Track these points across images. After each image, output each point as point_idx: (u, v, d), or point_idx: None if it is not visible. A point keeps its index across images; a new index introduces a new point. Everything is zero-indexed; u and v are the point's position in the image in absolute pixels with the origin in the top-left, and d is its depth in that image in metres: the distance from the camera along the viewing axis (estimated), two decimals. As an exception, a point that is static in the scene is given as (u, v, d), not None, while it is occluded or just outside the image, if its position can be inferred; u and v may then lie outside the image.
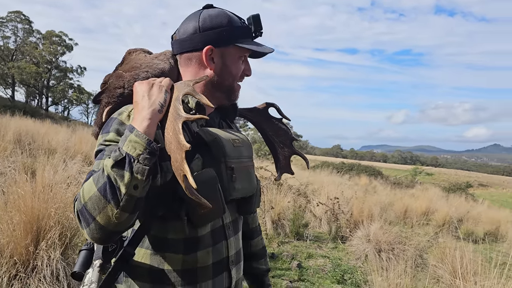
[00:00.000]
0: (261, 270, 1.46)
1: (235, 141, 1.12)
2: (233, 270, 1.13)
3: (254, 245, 1.45)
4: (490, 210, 13.87)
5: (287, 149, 1.42)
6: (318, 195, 7.72)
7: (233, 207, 1.16)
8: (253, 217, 1.46)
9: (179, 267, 1.03)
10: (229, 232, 1.13)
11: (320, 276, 4.58)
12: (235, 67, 1.13)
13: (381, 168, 39.81)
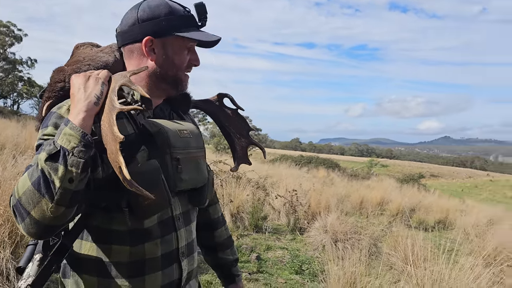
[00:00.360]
0: (228, 260, 1.46)
1: (183, 132, 1.11)
2: (184, 261, 1.13)
3: (218, 235, 1.45)
4: (441, 200, 14.56)
5: (244, 140, 1.42)
6: (277, 188, 7.80)
7: (184, 198, 1.15)
8: (215, 208, 1.46)
9: (126, 259, 1.02)
10: (179, 223, 1.12)
11: (279, 267, 4.64)
12: (178, 57, 1.11)
13: (338, 160, 40.78)
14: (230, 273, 1.47)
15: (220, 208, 1.49)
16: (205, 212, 1.42)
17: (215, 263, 1.47)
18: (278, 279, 4.26)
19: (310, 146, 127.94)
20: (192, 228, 1.20)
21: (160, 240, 1.06)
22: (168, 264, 1.08)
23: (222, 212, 1.51)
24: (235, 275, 1.47)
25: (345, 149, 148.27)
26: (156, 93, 1.14)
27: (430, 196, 16.01)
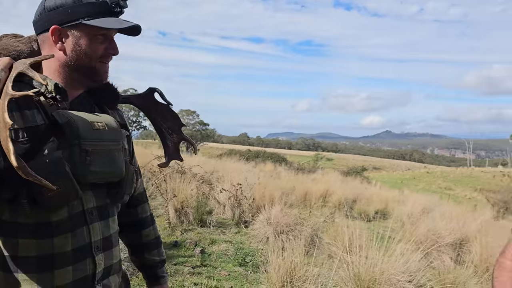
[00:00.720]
0: (154, 261, 1.43)
1: (96, 124, 1.08)
2: (99, 256, 1.10)
3: (145, 235, 1.42)
4: (382, 191, 15.26)
5: (175, 135, 1.42)
6: (222, 182, 7.82)
7: (100, 192, 1.13)
8: (143, 207, 1.43)
9: (34, 253, 1.00)
10: (92, 217, 1.09)
11: (223, 260, 4.68)
12: (90, 46, 1.08)
13: (286, 154, 41.49)
14: (155, 274, 1.44)
15: (149, 208, 1.46)
16: (132, 211, 1.39)
17: (141, 264, 1.44)
18: (222, 271, 4.30)
19: (258, 141, 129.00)
20: (110, 223, 1.17)
21: (71, 234, 1.04)
22: (80, 258, 1.06)
23: (151, 211, 1.48)
24: (160, 277, 1.44)
25: (292, 143, 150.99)
26: (72, 84, 1.11)
27: (371, 188, 16.75)
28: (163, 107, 1.38)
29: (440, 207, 10.87)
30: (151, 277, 1.44)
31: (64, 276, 1.03)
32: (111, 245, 1.17)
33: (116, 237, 1.21)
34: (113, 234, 1.19)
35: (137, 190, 1.39)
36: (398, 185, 33.37)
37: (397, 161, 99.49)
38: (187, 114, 43.91)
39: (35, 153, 0.96)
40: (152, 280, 1.45)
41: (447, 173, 54.61)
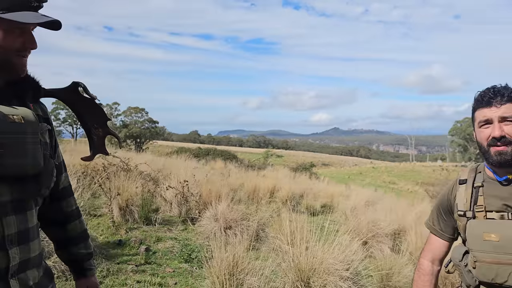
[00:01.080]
0: (81, 254, 1.44)
1: (11, 117, 1.07)
2: (13, 250, 1.09)
3: (70, 229, 1.43)
4: (329, 186, 15.72)
5: (101, 129, 1.42)
6: (170, 180, 7.74)
7: (18, 185, 1.11)
8: (69, 201, 1.43)
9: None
10: (5, 210, 1.08)
11: (168, 257, 4.66)
12: (5, 39, 1.08)
13: (236, 152, 41.63)
14: (82, 267, 1.45)
15: (75, 202, 1.46)
16: (57, 205, 1.38)
17: (67, 257, 1.45)
18: (167, 268, 4.28)
19: (209, 139, 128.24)
20: (28, 217, 1.16)
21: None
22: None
23: (77, 205, 1.48)
24: (87, 269, 1.45)
25: (243, 141, 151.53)
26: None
27: (319, 183, 17.20)
28: (88, 101, 1.38)
29: (382, 200, 11.39)
30: (78, 270, 1.45)
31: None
32: (28, 239, 1.15)
33: (35, 231, 1.19)
34: (32, 228, 1.17)
35: (62, 184, 1.38)
36: (345, 180, 34.50)
37: (345, 157, 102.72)
38: (136, 111, 42.81)
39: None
40: (79, 273, 1.45)
41: (391, 168, 57.15)
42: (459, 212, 1.54)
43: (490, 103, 1.43)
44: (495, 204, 1.46)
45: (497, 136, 1.40)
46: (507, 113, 1.40)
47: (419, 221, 6.58)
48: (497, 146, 1.41)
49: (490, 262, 1.40)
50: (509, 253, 1.37)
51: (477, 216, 1.48)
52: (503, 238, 1.37)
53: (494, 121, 1.42)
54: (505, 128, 1.40)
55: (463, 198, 1.53)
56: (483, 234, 1.42)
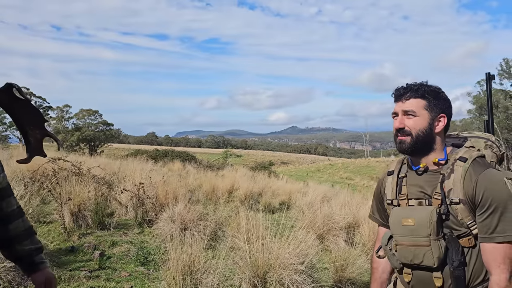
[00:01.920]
0: (27, 250, 1.44)
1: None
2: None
3: (13, 228, 1.42)
4: (287, 184, 15.93)
5: (38, 131, 1.40)
6: (125, 183, 7.58)
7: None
8: (8, 201, 1.42)
9: None
10: None
11: (124, 261, 4.57)
12: None
13: (195, 153, 41.23)
14: (32, 262, 1.45)
15: (15, 201, 1.46)
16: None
17: (14, 256, 1.44)
18: (122, 273, 4.20)
19: (166, 140, 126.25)
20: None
21: None
22: None
23: (18, 205, 1.47)
24: (38, 263, 1.45)
25: (202, 142, 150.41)
26: None
27: (278, 181, 17.39)
28: (23, 103, 1.36)
29: (338, 195, 11.68)
30: (29, 266, 1.45)
31: None
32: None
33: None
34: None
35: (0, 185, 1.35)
36: (304, 178, 35.07)
37: (303, 155, 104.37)
38: (89, 114, 41.42)
39: None
40: (31, 268, 1.45)
41: (348, 165, 58.66)
42: (388, 201, 1.66)
43: (399, 98, 1.59)
44: (415, 192, 1.58)
45: (396, 127, 1.57)
46: (408, 108, 1.55)
47: (372, 213, 6.83)
48: (398, 136, 1.57)
49: (408, 245, 1.51)
50: (423, 236, 1.47)
51: (401, 204, 1.60)
52: (418, 222, 1.48)
53: (399, 114, 1.58)
54: (406, 121, 1.55)
55: (390, 187, 1.66)
56: (402, 219, 1.53)
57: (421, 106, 1.54)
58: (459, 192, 1.47)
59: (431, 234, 1.45)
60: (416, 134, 1.53)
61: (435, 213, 1.46)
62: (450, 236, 1.47)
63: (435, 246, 1.45)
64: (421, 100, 1.55)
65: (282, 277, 3.46)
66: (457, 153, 1.55)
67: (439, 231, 1.47)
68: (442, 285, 1.49)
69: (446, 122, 1.57)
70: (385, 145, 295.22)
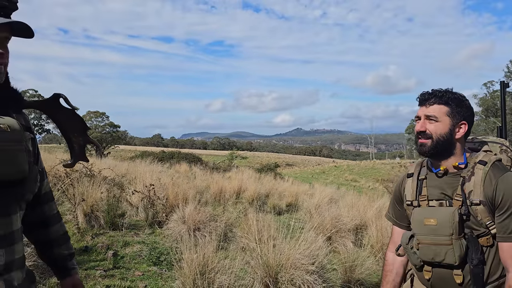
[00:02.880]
0: (63, 255, 1.52)
1: None
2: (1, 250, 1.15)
3: (53, 232, 1.50)
4: (293, 186, 15.98)
5: (81, 138, 1.49)
6: (135, 184, 7.69)
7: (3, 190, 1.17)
8: (51, 205, 1.51)
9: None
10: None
11: (137, 261, 4.66)
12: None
13: (201, 154, 41.35)
14: (66, 267, 1.53)
15: (55, 206, 1.55)
16: (40, 209, 1.45)
17: (51, 259, 1.52)
18: (136, 272, 4.29)
19: (172, 142, 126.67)
20: (12, 220, 1.21)
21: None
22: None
23: (57, 209, 1.56)
24: (70, 269, 1.53)
25: (207, 143, 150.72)
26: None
27: (284, 183, 17.45)
28: (68, 112, 1.45)
29: (345, 197, 11.73)
30: (62, 270, 1.53)
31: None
32: (13, 242, 1.21)
33: (19, 234, 1.25)
34: (16, 231, 1.23)
35: (43, 189, 1.46)
36: (309, 180, 35.06)
37: (308, 157, 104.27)
38: (96, 116, 41.70)
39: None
40: (63, 272, 1.53)
41: (353, 167, 58.50)
42: (407, 202, 1.74)
43: (423, 103, 1.67)
44: (435, 194, 1.66)
45: (418, 130, 1.66)
46: (431, 113, 1.63)
47: (379, 215, 6.87)
48: (419, 138, 1.66)
49: (429, 244, 1.60)
50: (445, 235, 1.56)
51: (421, 205, 1.68)
52: (440, 222, 1.57)
53: (422, 118, 1.66)
54: (428, 125, 1.63)
55: (410, 189, 1.74)
56: (424, 219, 1.62)
57: (444, 112, 1.62)
58: (479, 194, 1.55)
59: (453, 233, 1.54)
60: (437, 138, 1.61)
61: (457, 214, 1.55)
62: (471, 236, 1.56)
63: (457, 245, 1.54)
64: (444, 107, 1.62)
65: (294, 277, 3.53)
66: (476, 156, 1.63)
67: (461, 230, 1.55)
68: (462, 281, 1.57)
69: (467, 129, 1.65)
70: (390, 147, 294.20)
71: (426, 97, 1.65)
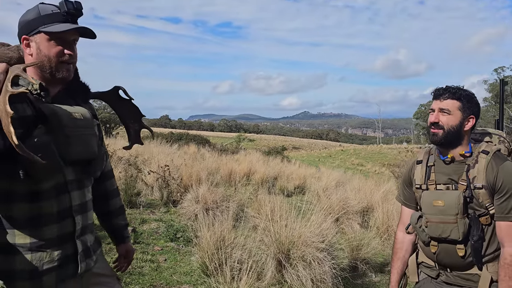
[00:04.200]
0: (120, 225, 1.78)
1: (74, 114, 1.36)
2: (77, 217, 1.41)
3: (112, 204, 1.75)
4: (300, 169, 16.21)
5: (137, 124, 1.74)
6: (149, 164, 7.96)
7: (78, 168, 1.41)
8: (111, 182, 1.75)
9: (26, 214, 1.28)
10: (72, 187, 1.39)
11: (155, 237, 4.94)
12: (47, 49, 1.35)
13: (209, 136, 41.62)
14: (122, 235, 1.80)
15: (115, 182, 1.79)
16: (103, 184, 1.70)
17: (110, 228, 1.78)
18: (155, 247, 4.57)
19: (180, 123, 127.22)
20: (86, 192, 1.47)
21: (56, 199, 1.33)
22: (63, 218, 1.36)
23: (117, 185, 1.80)
24: (125, 237, 1.81)
25: (214, 125, 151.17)
26: (48, 82, 1.38)
27: (291, 166, 17.70)
28: (126, 102, 1.68)
29: (351, 181, 11.95)
30: (119, 238, 1.80)
31: (51, 231, 1.33)
32: (86, 210, 1.47)
33: (90, 204, 1.51)
34: (88, 201, 1.49)
35: (107, 167, 1.71)
36: (316, 163, 35.27)
37: (314, 141, 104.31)
38: (104, 96, 41.96)
39: (27, 136, 1.23)
40: (119, 240, 1.80)
41: (359, 151, 58.58)
42: (417, 185, 1.97)
43: (437, 97, 1.88)
44: (443, 179, 1.89)
45: (431, 121, 1.86)
46: (445, 106, 1.84)
47: (386, 198, 7.09)
48: (432, 128, 1.86)
49: (437, 222, 1.83)
50: (451, 215, 1.79)
51: (430, 188, 1.91)
52: (447, 203, 1.80)
53: (436, 110, 1.86)
54: (441, 117, 1.84)
55: (420, 174, 1.97)
56: (433, 201, 1.85)
57: (456, 106, 1.83)
58: (482, 179, 1.77)
59: (459, 213, 1.77)
60: (448, 129, 1.82)
61: (462, 196, 1.78)
62: (473, 215, 1.79)
63: (461, 223, 1.77)
64: (456, 102, 1.83)
65: (305, 254, 3.78)
66: (480, 147, 1.85)
67: (465, 211, 1.79)
68: (464, 254, 1.80)
69: (474, 122, 1.87)
70: (397, 132, 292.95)
71: (441, 92, 1.85)
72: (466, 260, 1.81)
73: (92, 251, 1.51)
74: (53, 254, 1.33)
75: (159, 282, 3.69)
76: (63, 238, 1.37)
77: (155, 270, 3.94)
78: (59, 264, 1.35)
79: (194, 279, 3.84)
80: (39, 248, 1.31)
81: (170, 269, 4.02)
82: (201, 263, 3.89)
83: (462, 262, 1.82)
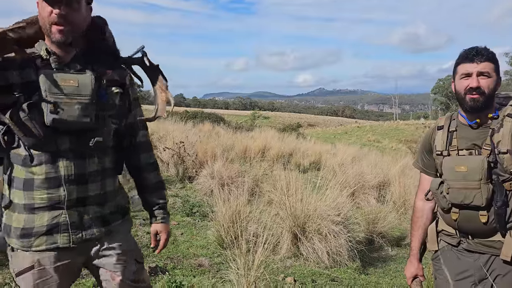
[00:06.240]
0: (153, 202, 1.67)
1: (68, 81, 1.32)
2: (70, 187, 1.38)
3: (145, 178, 1.67)
4: (315, 145, 16.13)
5: (164, 94, 1.61)
6: (164, 141, 7.99)
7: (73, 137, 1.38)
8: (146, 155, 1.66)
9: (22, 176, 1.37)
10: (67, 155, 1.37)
11: (171, 212, 4.99)
12: (42, 10, 1.34)
13: (223, 114, 41.61)
14: (153, 213, 1.68)
15: (152, 157, 1.70)
16: (135, 157, 1.63)
17: (144, 203, 1.71)
18: (171, 222, 4.62)
19: (194, 102, 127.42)
20: (90, 163, 1.42)
21: (45, 166, 1.35)
22: (54, 186, 1.36)
23: (155, 160, 1.71)
24: (156, 216, 1.68)
25: (229, 103, 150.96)
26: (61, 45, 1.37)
27: (306, 143, 17.62)
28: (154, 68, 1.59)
29: (368, 157, 11.86)
30: (150, 215, 1.70)
31: (41, 196, 1.36)
32: (86, 181, 1.42)
33: (96, 176, 1.45)
34: (92, 172, 1.43)
35: (139, 139, 1.62)
36: (331, 140, 35.05)
37: (330, 117, 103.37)
38: (119, 75, 42.13)
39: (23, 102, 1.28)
40: (151, 217, 1.70)
41: (376, 127, 57.89)
42: (437, 152, 1.90)
43: (472, 60, 1.75)
44: (465, 144, 1.82)
45: (474, 86, 1.74)
46: (484, 69, 1.73)
47: (403, 173, 7.02)
48: (473, 94, 1.75)
49: (460, 188, 1.77)
50: (474, 180, 1.73)
51: (451, 154, 1.84)
52: (470, 168, 1.74)
53: (473, 74, 1.75)
54: (481, 81, 1.74)
55: (440, 140, 1.89)
56: (455, 166, 1.79)
57: (492, 68, 1.75)
58: (507, 144, 1.71)
59: (482, 178, 1.71)
60: (489, 93, 1.74)
61: (486, 161, 1.72)
62: (497, 181, 1.73)
63: (484, 189, 1.72)
64: (491, 63, 1.75)
65: (320, 227, 3.77)
66: (505, 110, 1.77)
67: (489, 176, 1.72)
68: (487, 221, 1.75)
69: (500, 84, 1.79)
70: (414, 108, 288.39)
71: (475, 54, 1.75)
72: (489, 227, 1.75)
73: (99, 223, 1.46)
74: (43, 218, 1.37)
75: (176, 255, 3.75)
76: (54, 206, 1.38)
77: (172, 243, 3.99)
78: (48, 229, 1.37)
79: (211, 251, 3.88)
80: (31, 211, 1.37)
81: (186, 243, 4.07)
82: (217, 237, 3.93)
83: (484, 228, 1.77)
